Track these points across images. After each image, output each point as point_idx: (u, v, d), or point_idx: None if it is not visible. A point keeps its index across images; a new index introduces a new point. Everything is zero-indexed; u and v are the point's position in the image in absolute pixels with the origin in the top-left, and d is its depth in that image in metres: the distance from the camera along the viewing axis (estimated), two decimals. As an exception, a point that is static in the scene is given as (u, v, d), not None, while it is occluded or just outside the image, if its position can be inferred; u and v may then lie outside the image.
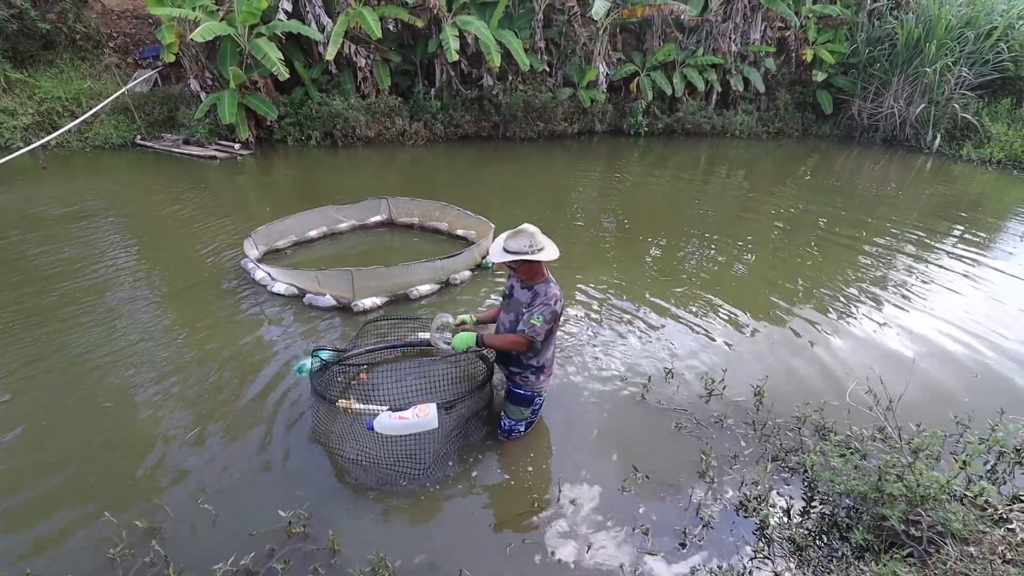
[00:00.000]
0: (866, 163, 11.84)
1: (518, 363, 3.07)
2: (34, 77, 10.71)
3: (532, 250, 2.77)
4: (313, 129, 11.20)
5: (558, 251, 2.88)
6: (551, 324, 2.87)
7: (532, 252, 2.77)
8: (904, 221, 7.99)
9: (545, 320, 2.81)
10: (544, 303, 2.82)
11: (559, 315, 2.90)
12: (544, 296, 2.84)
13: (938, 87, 12.42)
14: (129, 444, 3.29)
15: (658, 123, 13.52)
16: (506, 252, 2.80)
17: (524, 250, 2.77)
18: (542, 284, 2.89)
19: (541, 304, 2.82)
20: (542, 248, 2.80)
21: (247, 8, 9.43)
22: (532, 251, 2.77)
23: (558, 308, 2.85)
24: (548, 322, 2.83)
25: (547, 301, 2.82)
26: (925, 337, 4.74)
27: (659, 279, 5.76)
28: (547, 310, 2.81)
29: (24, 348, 4.19)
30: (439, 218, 6.82)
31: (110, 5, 12.63)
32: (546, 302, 2.82)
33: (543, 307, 2.81)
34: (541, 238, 2.83)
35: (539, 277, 2.91)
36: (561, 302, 2.89)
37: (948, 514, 2.37)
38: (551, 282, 2.91)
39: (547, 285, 2.88)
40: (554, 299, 2.83)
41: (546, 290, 2.86)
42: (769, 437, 3.43)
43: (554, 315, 2.84)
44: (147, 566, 2.53)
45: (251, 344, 4.34)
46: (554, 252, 2.84)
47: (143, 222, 7.05)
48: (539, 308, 2.82)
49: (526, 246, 2.77)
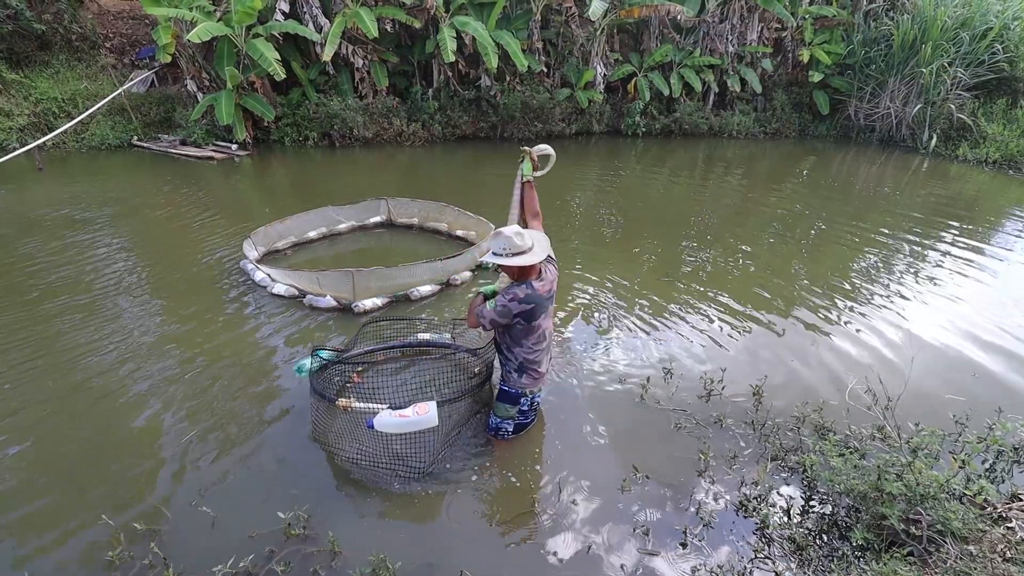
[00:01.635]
0: (863, 163, 11.89)
1: (501, 353, 3.09)
2: (30, 78, 10.67)
3: (506, 253, 2.75)
4: (310, 130, 11.19)
5: (544, 253, 2.83)
6: (503, 320, 2.83)
7: (506, 255, 2.75)
8: (901, 221, 8.01)
9: (496, 310, 2.79)
10: (503, 296, 2.80)
11: (516, 315, 2.81)
12: (507, 291, 2.82)
13: (934, 87, 12.47)
14: (127, 446, 3.27)
15: (656, 124, 13.55)
16: (493, 255, 2.81)
17: (500, 253, 2.77)
18: (516, 283, 2.85)
19: (501, 296, 2.81)
20: (521, 252, 2.76)
21: (244, 8, 9.41)
22: (506, 254, 2.75)
23: (513, 306, 2.77)
24: (499, 315, 2.80)
25: (506, 293, 2.80)
26: (923, 336, 4.75)
27: (657, 279, 5.77)
28: (501, 302, 2.79)
29: (19, 350, 4.17)
30: (438, 219, 6.82)
31: (106, 5, 12.59)
32: (505, 294, 2.80)
33: (501, 298, 2.80)
34: (521, 240, 2.76)
35: (523, 277, 2.87)
36: (524, 304, 2.78)
37: (948, 513, 2.37)
38: (527, 285, 2.80)
39: (519, 285, 2.82)
40: (512, 297, 2.77)
41: (513, 288, 2.81)
42: (768, 437, 3.43)
43: (507, 311, 2.79)
44: (146, 568, 2.52)
45: (251, 345, 4.33)
46: (536, 256, 2.78)
47: (140, 223, 7.02)
48: (499, 299, 2.81)
49: (501, 249, 2.76)
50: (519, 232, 2.78)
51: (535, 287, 2.81)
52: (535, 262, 2.79)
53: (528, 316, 2.84)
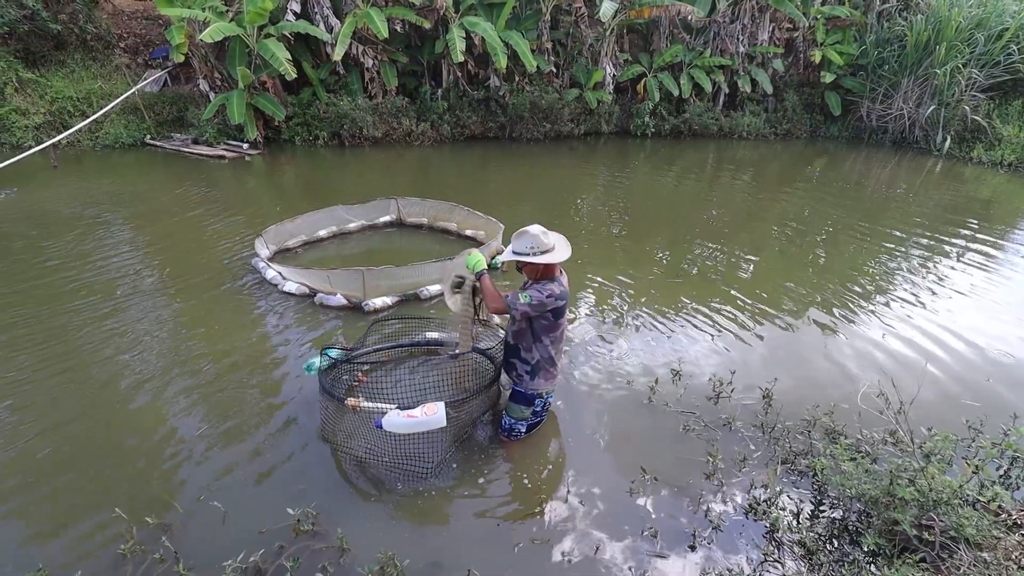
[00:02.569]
0: (875, 165, 11.77)
1: (516, 355, 3.07)
2: (46, 77, 10.82)
3: (532, 252, 2.78)
4: (320, 129, 11.26)
5: (568, 251, 2.86)
6: (535, 313, 2.85)
7: (532, 254, 2.78)
8: (914, 223, 7.93)
9: (531, 303, 2.79)
10: (539, 291, 2.81)
11: (547, 309, 2.84)
12: (541, 286, 2.83)
13: (948, 89, 12.33)
14: (139, 441, 3.31)
15: (665, 124, 13.50)
16: (514, 253, 2.83)
17: (525, 252, 2.79)
18: (547, 281, 2.87)
19: (535, 290, 2.82)
20: (546, 250, 2.79)
21: (255, 9, 9.49)
22: (532, 253, 2.78)
23: (548, 301, 2.80)
24: (533, 308, 2.81)
25: (541, 289, 2.81)
26: (936, 340, 4.70)
27: (666, 280, 5.75)
28: (537, 296, 2.79)
29: (34, 345, 4.23)
30: (448, 218, 6.83)
31: (121, 5, 12.74)
32: (540, 290, 2.81)
33: (536, 293, 2.80)
34: (548, 239, 2.81)
35: (545, 276, 2.89)
36: (558, 300, 2.83)
37: (961, 519, 2.34)
38: (556, 282, 2.86)
39: (551, 282, 2.85)
40: (548, 292, 2.80)
41: (547, 284, 2.84)
42: (778, 440, 3.41)
43: (541, 305, 2.80)
44: (157, 562, 2.54)
45: (262, 342, 4.37)
46: (562, 254, 2.82)
47: (153, 221, 7.09)
48: (533, 292, 2.81)
49: (527, 247, 2.78)
50: (544, 231, 2.83)
51: (564, 284, 2.88)
52: (561, 260, 2.81)
53: (558, 312, 2.90)
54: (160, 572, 2.50)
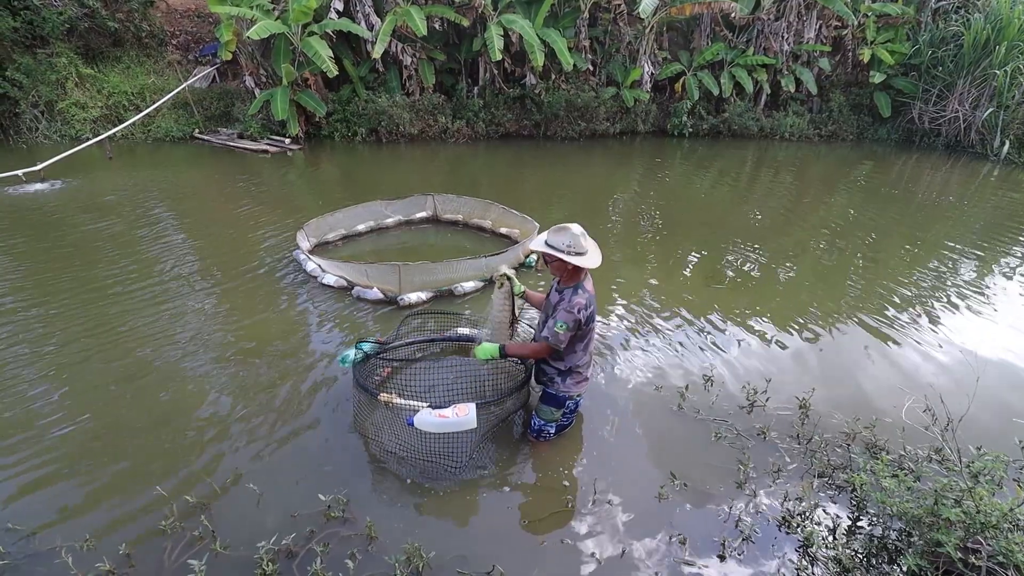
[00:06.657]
0: (926, 169, 11.26)
1: (546, 360, 3.06)
2: (103, 72, 11.37)
3: (568, 251, 2.69)
4: (359, 125, 11.48)
5: (599, 259, 2.78)
6: (574, 332, 2.81)
7: (567, 253, 2.69)
8: (967, 231, 7.55)
9: (568, 328, 2.75)
10: (567, 311, 2.75)
11: (583, 323, 2.80)
12: (568, 304, 2.77)
13: (1008, 90, 11.70)
14: (180, 423, 3.45)
15: (703, 124, 13.23)
16: (547, 245, 2.76)
17: (560, 248, 2.70)
18: (570, 290, 2.81)
19: (564, 311, 2.76)
20: (581, 253, 2.71)
21: (300, 7, 9.74)
22: (568, 252, 2.69)
23: (581, 317, 2.75)
24: (571, 330, 2.77)
25: (570, 309, 2.75)
26: (990, 355, 4.47)
27: (699, 284, 5.64)
28: (570, 318, 2.75)
29: (82, 325, 4.46)
30: (483, 216, 6.87)
31: (174, 4, 13.26)
32: (569, 310, 2.75)
33: (566, 315, 2.75)
34: (585, 241, 2.74)
35: (572, 281, 2.83)
36: (587, 311, 2.78)
37: (1011, 544, 2.22)
38: (581, 289, 2.80)
39: (575, 292, 2.79)
40: (577, 307, 2.74)
41: (572, 297, 2.77)
42: (815, 452, 3.30)
43: (576, 323, 2.77)
44: (195, 539, 2.65)
45: (300, 333, 4.49)
46: (594, 261, 2.74)
47: (200, 212, 7.38)
48: (562, 315, 2.76)
49: (564, 244, 2.70)
50: (584, 234, 2.76)
51: (588, 289, 2.82)
52: (592, 266, 2.75)
53: (589, 319, 2.85)
54: (198, 549, 2.60)
